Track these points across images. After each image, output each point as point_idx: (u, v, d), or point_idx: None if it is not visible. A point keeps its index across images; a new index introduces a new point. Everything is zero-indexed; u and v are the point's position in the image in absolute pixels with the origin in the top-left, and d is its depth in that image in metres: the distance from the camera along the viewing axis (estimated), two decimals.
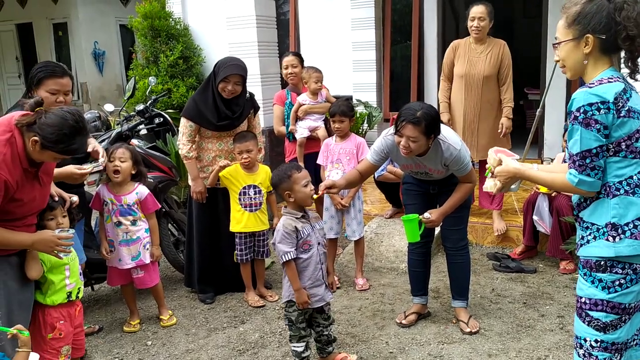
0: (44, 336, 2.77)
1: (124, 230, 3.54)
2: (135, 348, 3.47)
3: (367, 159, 3.28)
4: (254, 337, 3.54)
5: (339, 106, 4.14)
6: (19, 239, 2.51)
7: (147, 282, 3.68)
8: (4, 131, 2.37)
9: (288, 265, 2.93)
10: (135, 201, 3.56)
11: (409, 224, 3.16)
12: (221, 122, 3.87)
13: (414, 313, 3.61)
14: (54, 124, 2.37)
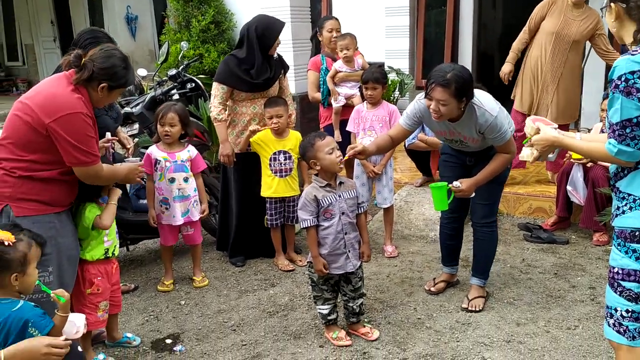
0: (83, 291, 2.89)
1: (177, 186, 3.65)
2: (169, 307, 3.58)
3: (400, 123, 3.23)
4: (284, 300, 3.61)
5: (372, 73, 4.10)
6: (119, 171, 2.85)
7: (196, 238, 3.85)
8: (70, 90, 2.51)
9: (307, 232, 3.00)
10: (187, 158, 3.69)
11: (437, 192, 3.09)
12: (257, 81, 3.89)
13: (442, 281, 3.62)
14: (112, 65, 2.57)
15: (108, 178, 2.77)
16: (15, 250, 2.03)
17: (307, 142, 2.98)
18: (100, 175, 2.65)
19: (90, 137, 2.54)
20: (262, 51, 3.88)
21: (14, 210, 2.49)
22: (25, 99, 2.54)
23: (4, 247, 2.00)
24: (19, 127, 2.49)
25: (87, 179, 2.62)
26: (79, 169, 2.55)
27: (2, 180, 2.49)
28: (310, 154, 2.95)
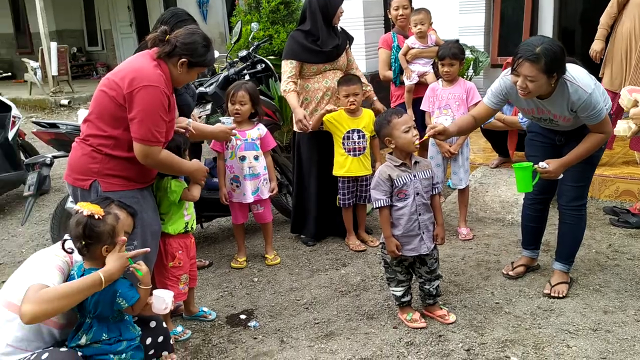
0: (165, 264, 2.98)
1: (248, 164, 3.68)
2: (242, 283, 3.63)
3: (484, 102, 3.07)
4: (356, 280, 3.57)
5: (449, 48, 3.94)
6: (187, 165, 2.83)
7: (266, 217, 3.87)
8: (153, 66, 2.56)
9: (381, 212, 2.92)
10: (257, 136, 3.71)
11: (521, 173, 2.90)
12: (325, 49, 3.85)
13: (522, 265, 3.46)
14: (193, 41, 2.61)
15: (165, 165, 2.68)
16: (104, 223, 2.09)
17: (383, 118, 2.89)
18: (155, 158, 2.58)
19: (161, 116, 2.55)
20: (325, 21, 3.87)
21: (101, 185, 2.58)
22: (111, 75, 2.61)
23: (95, 220, 2.07)
24: (105, 102, 2.56)
25: (144, 159, 2.56)
26: (138, 145, 2.53)
27: (91, 157, 2.58)
28: (386, 132, 2.87)
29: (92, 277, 2.03)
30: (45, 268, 2.11)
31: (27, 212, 3.82)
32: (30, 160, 3.90)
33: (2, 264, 4.17)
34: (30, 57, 12.05)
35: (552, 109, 2.88)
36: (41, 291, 1.95)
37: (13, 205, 5.34)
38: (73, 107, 10.60)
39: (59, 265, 2.13)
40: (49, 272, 2.09)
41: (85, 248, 2.09)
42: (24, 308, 1.92)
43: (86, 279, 2.03)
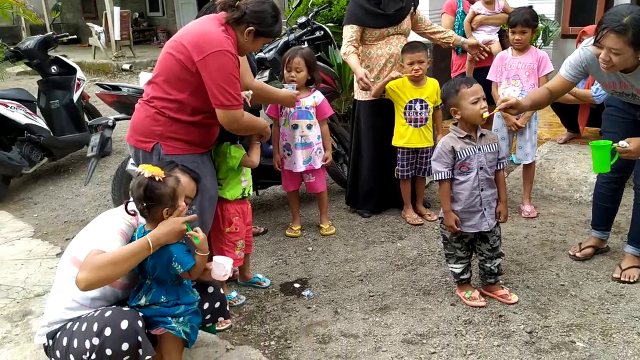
0: (222, 230, 2.98)
1: (300, 133, 3.61)
2: (297, 252, 3.61)
3: (561, 74, 2.87)
4: (412, 254, 3.49)
5: (521, 15, 3.71)
6: (259, 122, 2.88)
7: (318, 186, 3.80)
8: (221, 30, 2.53)
9: (441, 185, 2.81)
10: (312, 104, 3.62)
11: (598, 152, 2.69)
12: (388, 12, 3.71)
13: (590, 247, 3.29)
14: (263, 10, 2.56)
15: (247, 126, 2.74)
16: (165, 185, 2.09)
17: (452, 87, 2.75)
18: (240, 122, 2.61)
19: (235, 78, 2.53)
20: None
21: (163, 148, 2.58)
22: (179, 37, 2.58)
23: (155, 182, 2.07)
24: (171, 65, 2.54)
25: (228, 124, 2.59)
26: (221, 112, 2.54)
27: (154, 119, 2.58)
28: (453, 101, 2.73)
29: (140, 242, 2.04)
30: (108, 232, 2.13)
31: (89, 173, 3.90)
32: (93, 122, 3.98)
33: (67, 222, 4.30)
34: (94, 22, 12.33)
35: (636, 84, 2.66)
36: (95, 257, 1.98)
37: (77, 166, 5.51)
38: (134, 72, 10.80)
39: (122, 229, 2.14)
40: (110, 236, 2.10)
41: (146, 210, 2.09)
42: (79, 275, 1.95)
43: (135, 244, 2.04)
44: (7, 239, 4.00)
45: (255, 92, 3.05)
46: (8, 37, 14.67)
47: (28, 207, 4.65)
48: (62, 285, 2.14)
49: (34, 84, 6.05)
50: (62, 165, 5.51)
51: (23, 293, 3.20)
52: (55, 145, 5.06)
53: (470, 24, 4.35)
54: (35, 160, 4.92)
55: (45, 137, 4.90)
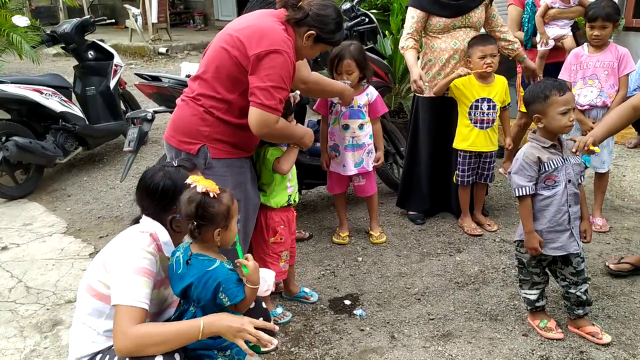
0: (267, 240, 2.72)
1: (351, 134, 3.32)
2: (345, 262, 3.32)
3: None
4: (473, 270, 3.17)
5: (602, 8, 3.31)
6: (296, 131, 2.53)
7: (368, 190, 3.52)
8: (282, 29, 2.30)
9: (522, 201, 2.48)
10: (365, 102, 3.32)
11: None
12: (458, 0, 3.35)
13: (628, 263, 3.00)
14: (327, 14, 2.34)
15: (280, 135, 2.42)
16: (220, 203, 1.80)
17: (541, 90, 2.39)
18: (271, 127, 2.28)
19: (285, 83, 2.26)
20: None
21: (210, 151, 2.34)
22: (234, 31, 2.32)
23: (209, 199, 1.79)
24: (224, 61, 2.29)
25: (258, 126, 2.27)
26: (255, 111, 2.24)
27: (202, 119, 2.33)
28: (539, 108, 2.39)
29: (191, 325, 1.77)
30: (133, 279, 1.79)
31: (126, 169, 3.68)
32: (132, 114, 3.74)
33: (101, 217, 4.10)
34: (132, 4, 12.15)
35: None
36: (140, 330, 1.72)
37: (112, 156, 5.31)
38: (170, 56, 10.61)
39: (145, 269, 1.82)
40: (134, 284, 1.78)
41: (197, 230, 1.81)
42: (119, 342, 1.71)
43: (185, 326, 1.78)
44: (39, 234, 3.81)
45: (311, 85, 2.79)
46: (45, 17, 14.67)
47: (61, 199, 4.46)
48: (83, 316, 1.90)
49: (70, 67, 5.86)
50: (96, 154, 5.32)
51: (53, 298, 3.00)
52: (90, 134, 4.86)
53: (542, 19, 3.96)
54: (70, 150, 4.72)
55: (80, 125, 4.70)
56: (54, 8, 14.08)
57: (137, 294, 1.76)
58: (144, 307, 1.76)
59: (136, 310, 1.74)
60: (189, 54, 10.87)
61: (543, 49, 4.01)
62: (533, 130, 2.55)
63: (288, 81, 2.28)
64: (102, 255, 1.93)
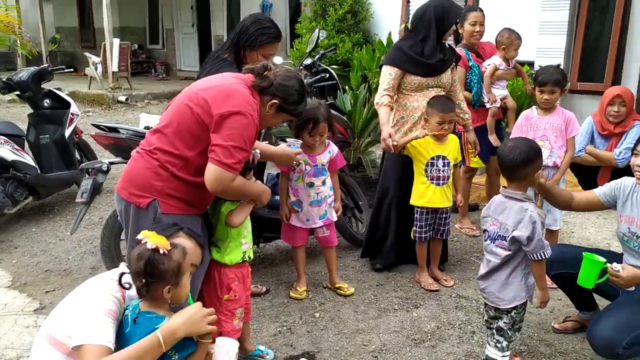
0: (220, 297, 2.64)
1: (315, 190, 3.37)
2: (303, 318, 3.27)
3: (594, 191, 2.79)
4: (430, 327, 3.17)
5: (551, 74, 3.50)
6: (252, 189, 2.51)
7: (332, 240, 3.56)
8: (249, 93, 2.34)
9: (542, 263, 2.50)
10: (328, 159, 3.39)
11: (589, 266, 2.45)
12: (431, 62, 3.52)
13: (572, 321, 3.12)
14: (291, 85, 2.38)
15: (235, 193, 2.39)
16: (170, 260, 1.77)
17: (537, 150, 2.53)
18: (226, 185, 2.26)
19: (247, 145, 2.28)
20: (437, 33, 3.54)
21: (161, 206, 2.29)
22: (199, 90, 2.33)
23: (159, 256, 1.75)
24: (187, 118, 2.28)
25: (213, 183, 2.24)
26: (213, 168, 2.22)
27: (156, 173, 2.30)
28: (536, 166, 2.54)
29: (150, 340, 1.73)
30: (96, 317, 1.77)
31: (78, 220, 3.57)
32: (87, 165, 3.66)
33: (48, 270, 3.93)
34: (92, 52, 12.12)
35: None
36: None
37: (63, 206, 5.15)
38: (130, 104, 10.55)
39: (110, 310, 1.80)
40: (100, 323, 1.76)
41: (145, 287, 1.77)
42: None
43: (143, 343, 1.73)
44: None
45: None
46: (3, 63, 14.49)
47: (7, 251, 4.27)
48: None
49: (24, 113, 5.75)
50: (47, 204, 5.15)
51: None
52: (42, 183, 4.72)
53: (490, 79, 4.20)
54: (19, 200, 4.56)
55: (31, 174, 4.56)
56: (12, 54, 13.90)
57: (104, 333, 1.72)
58: (110, 347, 1.71)
59: (102, 348, 1.70)
60: (150, 103, 10.84)
61: (494, 109, 4.23)
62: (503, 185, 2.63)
63: (249, 143, 2.30)
64: (69, 302, 1.87)
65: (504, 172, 2.60)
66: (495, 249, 2.56)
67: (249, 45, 2.86)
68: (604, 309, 2.65)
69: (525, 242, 2.43)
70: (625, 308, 2.53)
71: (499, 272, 2.56)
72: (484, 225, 2.65)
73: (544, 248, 2.44)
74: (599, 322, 2.53)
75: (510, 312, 2.57)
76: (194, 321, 1.75)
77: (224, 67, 2.82)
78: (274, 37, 2.90)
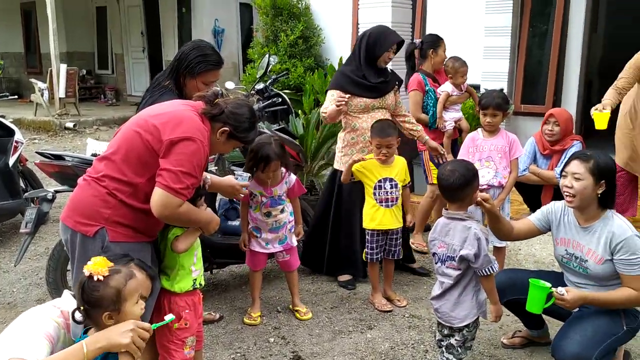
0: (170, 326, 2.58)
1: (273, 219, 3.39)
2: (257, 344, 3.25)
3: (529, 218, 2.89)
4: (384, 347, 3.20)
5: (493, 98, 3.65)
6: (200, 216, 2.46)
7: (293, 264, 3.56)
8: (200, 120, 2.34)
9: (491, 278, 2.57)
10: (285, 191, 3.42)
11: (536, 292, 2.55)
12: (373, 83, 3.68)
13: (519, 337, 3.21)
14: (242, 113, 2.40)
15: (181, 219, 2.36)
16: (106, 286, 1.76)
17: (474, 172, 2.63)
18: (173, 211, 2.24)
19: (197, 172, 2.27)
20: (367, 60, 3.73)
21: (109, 234, 2.25)
22: (150, 117, 2.32)
23: (93, 283, 1.74)
24: (136, 145, 2.26)
25: (160, 209, 2.22)
26: (160, 193, 2.20)
27: (104, 200, 2.26)
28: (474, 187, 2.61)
29: (74, 347, 1.70)
30: (33, 337, 1.75)
31: (21, 252, 3.45)
32: (31, 194, 3.56)
33: None
34: (38, 78, 11.84)
35: (588, 244, 2.63)
36: None
37: (8, 236, 4.97)
38: (78, 131, 10.33)
39: (49, 334, 1.77)
40: (35, 343, 1.73)
41: (86, 314, 1.76)
42: None
43: (66, 351, 1.70)
44: None
45: None
46: None
47: None
48: None
49: None
50: None
51: None
52: None
53: (442, 105, 4.46)
54: None
55: None
56: None
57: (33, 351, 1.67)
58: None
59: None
60: (99, 129, 10.63)
61: (449, 130, 4.50)
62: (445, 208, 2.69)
63: (199, 170, 2.29)
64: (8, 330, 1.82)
65: (445, 195, 2.65)
66: (447, 270, 2.62)
67: (189, 72, 2.83)
68: (567, 324, 2.71)
69: (473, 259, 2.50)
70: (587, 322, 2.61)
71: (451, 291, 2.61)
72: (432, 248, 2.71)
73: (491, 263, 2.52)
74: (566, 338, 2.58)
75: (462, 329, 2.62)
76: (113, 333, 1.72)
77: (165, 94, 2.80)
78: (214, 65, 2.88)
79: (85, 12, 14.61)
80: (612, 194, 2.61)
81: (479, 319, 2.66)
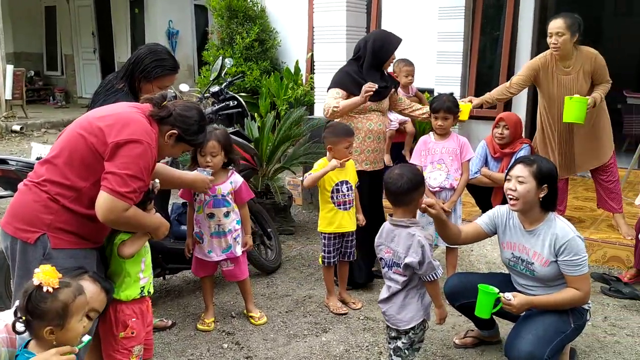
0: (116, 335, 2.51)
1: (216, 222, 3.29)
2: (210, 350, 3.20)
3: (477, 222, 2.94)
4: (339, 350, 3.20)
5: (443, 102, 3.72)
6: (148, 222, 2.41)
7: (238, 275, 3.47)
8: (147, 122, 2.29)
9: (436, 283, 2.60)
10: (229, 191, 3.32)
11: (484, 297, 2.63)
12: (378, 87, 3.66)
13: (471, 337, 3.27)
14: (190, 116, 2.37)
15: (128, 223, 2.30)
16: (53, 299, 1.68)
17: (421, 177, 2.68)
18: (119, 215, 2.19)
19: (144, 175, 2.22)
20: (374, 64, 3.79)
21: (51, 240, 2.17)
22: (93, 119, 2.25)
23: (42, 294, 1.66)
24: (80, 147, 2.20)
25: (105, 213, 2.17)
26: (105, 196, 2.14)
27: (46, 206, 2.18)
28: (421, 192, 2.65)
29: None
30: None
31: None
32: None
33: None
34: None
35: (533, 246, 2.71)
36: None
37: None
38: (25, 134, 9.98)
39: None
40: None
41: (27, 325, 1.68)
42: None
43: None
44: None
45: (157, 176, 2.63)
46: None
47: None
48: None
49: None
50: None
51: None
52: None
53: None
54: None
55: None
56: None
57: None
58: None
59: None
60: (47, 132, 10.31)
61: (391, 131, 4.61)
62: (390, 214, 2.71)
63: (147, 173, 2.24)
64: None
65: (391, 199, 2.65)
66: (393, 275, 2.64)
67: (145, 76, 2.82)
68: (518, 323, 2.76)
69: (418, 266, 2.52)
70: (538, 321, 2.67)
71: (398, 294, 2.64)
72: (379, 253, 2.72)
73: (435, 269, 2.54)
74: (519, 338, 2.63)
75: (409, 332, 2.64)
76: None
77: (120, 98, 2.76)
78: (170, 69, 2.88)
79: (34, 11, 14.15)
80: (553, 198, 2.69)
81: (425, 321, 2.68)
